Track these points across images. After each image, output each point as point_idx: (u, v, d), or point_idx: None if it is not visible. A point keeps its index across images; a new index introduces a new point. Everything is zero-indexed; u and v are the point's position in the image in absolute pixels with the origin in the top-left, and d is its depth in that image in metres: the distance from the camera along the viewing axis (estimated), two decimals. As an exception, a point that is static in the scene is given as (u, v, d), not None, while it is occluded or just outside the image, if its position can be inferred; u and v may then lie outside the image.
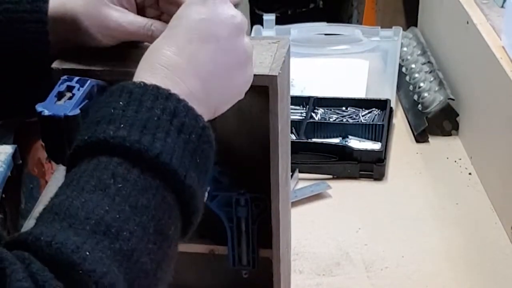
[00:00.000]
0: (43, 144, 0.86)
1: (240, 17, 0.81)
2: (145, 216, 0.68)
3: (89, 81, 0.86)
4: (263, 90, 0.90)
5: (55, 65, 0.92)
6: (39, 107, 0.82)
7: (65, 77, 0.87)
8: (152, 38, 0.86)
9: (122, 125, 0.71)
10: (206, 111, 0.77)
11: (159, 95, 0.73)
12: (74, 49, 0.94)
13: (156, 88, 0.73)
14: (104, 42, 0.92)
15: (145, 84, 0.74)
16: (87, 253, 0.63)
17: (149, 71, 0.76)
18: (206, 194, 0.78)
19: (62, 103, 0.83)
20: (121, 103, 0.72)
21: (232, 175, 1.04)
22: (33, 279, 0.60)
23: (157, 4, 0.95)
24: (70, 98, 0.84)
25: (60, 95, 0.84)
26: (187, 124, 0.73)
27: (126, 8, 0.92)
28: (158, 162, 0.70)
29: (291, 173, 1.18)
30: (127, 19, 0.90)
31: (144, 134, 0.70)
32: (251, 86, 0.86)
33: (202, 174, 0.75)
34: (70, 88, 0.85)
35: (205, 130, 0.75)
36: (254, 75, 0.87)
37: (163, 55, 0.77)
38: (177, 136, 0.72)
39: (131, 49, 0.94)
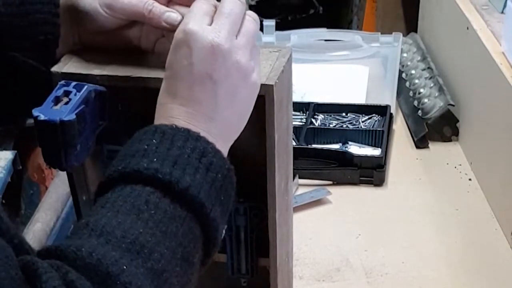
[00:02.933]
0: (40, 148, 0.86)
1: (222, 40, 0.80)
2: (173, 242, 0.73)
3: (86, 86, 0.86)
4: (262, 99, 0.89)
5: (54, 69, 0.92)
6: (35, 112, 0.82)
7: (62, 82, 0.87)
8: (151, 16, 0.88)
9: (155, 159, 0.76)
10: (228, 141, 0.84)
11: (189, 137, 0.78)
12: (75, 52, 0.94)
13: (187, 130, 0.79)
14: (106, 22, 0.91)
15: (176, 126, 0.79)
16: (125, 267, 0.68)
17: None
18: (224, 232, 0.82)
19: (58, 108, 0.83)
20: (154, 141, 0.78)
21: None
22: (70, 286, 0.64)
23: None
24: (66, 103, 0.84)
25: (57, 100, 0.84)
26: (215, 164, 0.79)
27: None
28: (187, 194, 0.76)
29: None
30: None
31: (175, 169, 0.76)
32: None
33: (225, 211, 0.81)
34: (67, 93, 0.85)
35: (230, 171, 0.81)
36: None
37: (172, 109, 0.81)
38: (205, 174, 0.77)
39: (130, 55, 0.94)
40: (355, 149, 1.61)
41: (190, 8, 0.84)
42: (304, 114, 1.70)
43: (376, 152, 1.59)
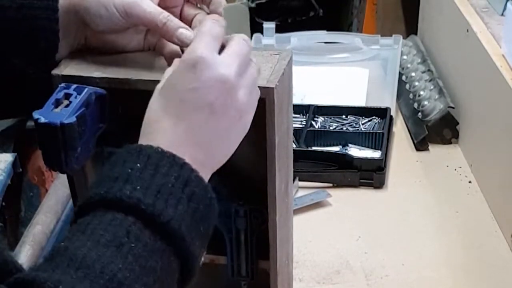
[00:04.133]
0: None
1: (231, 75, 0.81)
2: (151, 277, 0.73)
3: (86, 89, 0.86)
4: (262, 102, 0.90)
5: (55, 71, 0.92)
6: (35, 114, 0.82)
7: (63, 84, 0.87)
8: (164, 29, 0.88)
9: (138, 187, 0.75)
10: (210, 170, 0.83)
11: (174, 163, 0.78)
12: (75, 54, 0.94)
13: (172, 156, 0.78)
14: (119, 24, 0.91)
15: (162, 150, 0.78)
16: None
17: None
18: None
19: (58, 111, 0.83)
20: (138, 164, 0.77)
21: (232, 186, 1.03)
22: None
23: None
24: (67, 105, 0.84)
25: (57, 103, 0.84)
26: (197, 194, 0.78)
27: None
28: (169, 227, 0.75)
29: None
30: (149, 2, 0.90)
31: (158, 199, 0.75)
32: None
33: (204, 241, 0.80)
34: (67, 96, 0.85)
35: (212, 200, 0.80)
36: None
37: (163, 128, 0.80)
38: (187, 205, 0.77)
39: (130, 57, 0.94)
40: (355, 151, 1.61)
41: (200, 27, 0.84)
42: (304, 117, 1.70)
43: (376, 154, 1.59)
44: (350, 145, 1.63)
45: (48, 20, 0.90)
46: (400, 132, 1.73)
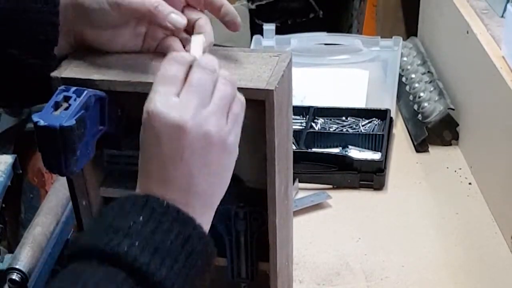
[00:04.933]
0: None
1: (187, 118, 0.78)
2: None
3: (85, 92, 0.86)
4: (262, 104, 0.90)
5: (54, 73, 0.92)
6: (35, 117, 0.82)
7: (62, 87, 0.87)
8: (156, 13, 0.88)
9: (137, 243, 0.75)
10: (209, 212, 0.83)
11: (178, 219, 0.78)
12: (75, 56, 0.94)
13: (177, 211, 0.78)
14: (112, 19, 0.91)
15: (167, 205, 0.78)
16: None
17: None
18: None
19: (58, 114, 0.83)
20: (141, 218, 0.76)
21: (231, 188, 1.03)
22: None
23: None
24: (66, 108, 0.84)
25: (56, 105, 0.84)
26: (197, 250, 0.78)
27: None
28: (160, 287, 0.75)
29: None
30: None
31: (154, 258, 0.75)
32: (250, 99, 0.87)
33: None
34: (67, 98, 0.85)
35: (211, 255, 0.81)
36: (252, 88, 0.88)
37: (151, 199, 0.79)
38: (184, 262, 0.77)
39: (129, 59, 0.94)
40: (355, 153, 1.61)
41: (159, 71, 0.81)
42: (304, 118, 1.70)
43: (376, 156, 1.59)
44: (350, 146, 1.63)
45: (48, 13, 0.90)
46: (400, 133, 1.73)
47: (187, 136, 0.77)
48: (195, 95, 0.78)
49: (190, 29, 0.93)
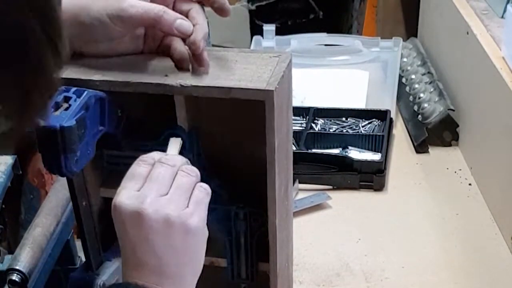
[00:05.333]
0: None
1: (145, 209, 0.84)
2: None
3: (85, 92, 0.86)
4: (262, 104, 0.90)
5: None
6: (35, 118, 0.82)
7: (62, 87, 0.87)
8: (162, 24, 0.88)
9: None
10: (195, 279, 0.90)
11: None
12: (75, 57, 0.94)
13: None
14: (113, 33, 0.91)
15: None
16: None
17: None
18: None
19: (58, 114, 0.83)
20: None
21: (232, 189, 1.03)
22: None
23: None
24: (66, 109, 0.84)
25: (57, 106, 0.84)
26: None
27: None
28: None
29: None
30: (143, 2, 0.90)
31: None
32: (250, 100, 0.88)
33: None
34: (67, 99, 0.85)
35: None
36: (252, 89, 0.88)
37: (126, 276, 0.86)
38: None
39: (129, 60, 0.94)
40: (355, 154, 1.61)
41: (128, 171, 0.87)
42: (304, 119, 1.70)
43: (376, 157, 1.59)
44: (350, 147, 1.63)
45: None
46: (400, 134, 1.73)
47: (147, 220, 0.84)
48: (154, 186, 0.85)
49: None
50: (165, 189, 0.85)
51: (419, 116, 1.70)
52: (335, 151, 1.62)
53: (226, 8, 0.93)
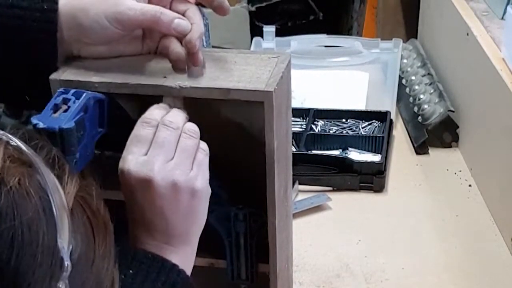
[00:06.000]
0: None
1: (153, 172, 0.85)
2: None
3: (84, 94, 0.86)
4: (261, 105, 0.89)
5: (53, 76, 0.92)
6: (34, 119, 0.82)
7: (61, 89, 0.87)
8: (160, 25, 0.89)
9: None
10: (187, 248, 0.91)
11: (163, 268, 0.86)
12: (74, 59, 0.94)
13: (161, 261, 0.87)
14: (111, 35, 0.91)
15: (152, 256, 0.87)
16: None
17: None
18: None
19: (57, 116, 0.83)
20: (131, 271, 0.84)
21: (231, 190, 1.03)
22: None
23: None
24: (65, 110, 0.84)
25: (56, 108, 0.84)
26: None
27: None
28: None
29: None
30: (140, 4, 0.90)
31: None
32: (249, 101, 0.88)
33: None
34: (66, 101, 0.85)
35: None
36: (251, 90, 0.88)
37: (138, 235, 0.89)
38: None
39: (128, 61, 0.94)
40: (355, 155, 1.61)
41: (133, 131, 0.87)
42: (304, 120, 1.70)
43: (376, 158, 1.59)
44: (350, 148, 1.63)
45: (45, 33, 0.90)
46: (400, 135, 1.73)
47: (155, 187, 0.85)
48: (160, 151, 0.86)
49: None
50: (170, 154, 0.86)
51: (419, 117, 1.70)
52: (335, 152, 1.62)
53: (225, 6, 0.94)
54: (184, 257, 0.90)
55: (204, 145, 0.90)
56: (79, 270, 0.62)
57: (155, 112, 0.88)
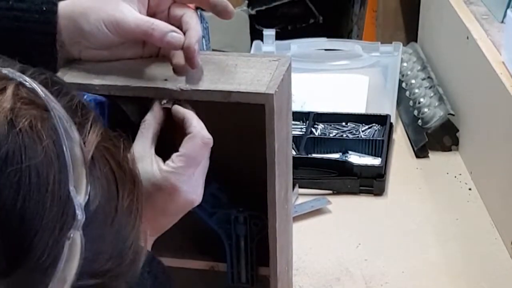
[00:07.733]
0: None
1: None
2: None
3: (85, 96, 0.86)
4: (262, 108, 0.90)
5: None
6: (34, 121, 0.82)
7: (62, 91, 0.86)
8: (153, 37, 0.89)
9: None
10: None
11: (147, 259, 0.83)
12: (74, 61, 0.94)
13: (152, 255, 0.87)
14: (111, 41, 0.92)
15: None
16: None
17: None
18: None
19: None
20: None
21: (231, 192, 1.03)
22: None
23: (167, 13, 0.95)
24: None
25: (56, 110, 0.84)
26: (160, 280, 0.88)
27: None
28: None
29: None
30: (135, 15, 0.91)
31: None
32: (250, 104, 0.88)
33: None
34: (66, 103, 0.84)
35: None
36: (252, 92, 0.89)
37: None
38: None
39: (129, 64, 0.94)
40: (355, 158, 1.61)
41: (189, 149, 0.86)
42: (304, 124, 1.70)
43: (376, 161, 1.59)
44: (350, 152, 1.63)
45: (44, 35, 0.90)
46: (400, 139, 1.73)
47: (188, 207, 0.88)
48: (201, 175, 0.88)
49: (177, 23, 0.93)
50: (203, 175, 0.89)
51: (419, 120, 1.70)
52: (335, 155, 1.62)
53: (230, 10, 0.94)
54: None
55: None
56: (97, 222, 0.59)
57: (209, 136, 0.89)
